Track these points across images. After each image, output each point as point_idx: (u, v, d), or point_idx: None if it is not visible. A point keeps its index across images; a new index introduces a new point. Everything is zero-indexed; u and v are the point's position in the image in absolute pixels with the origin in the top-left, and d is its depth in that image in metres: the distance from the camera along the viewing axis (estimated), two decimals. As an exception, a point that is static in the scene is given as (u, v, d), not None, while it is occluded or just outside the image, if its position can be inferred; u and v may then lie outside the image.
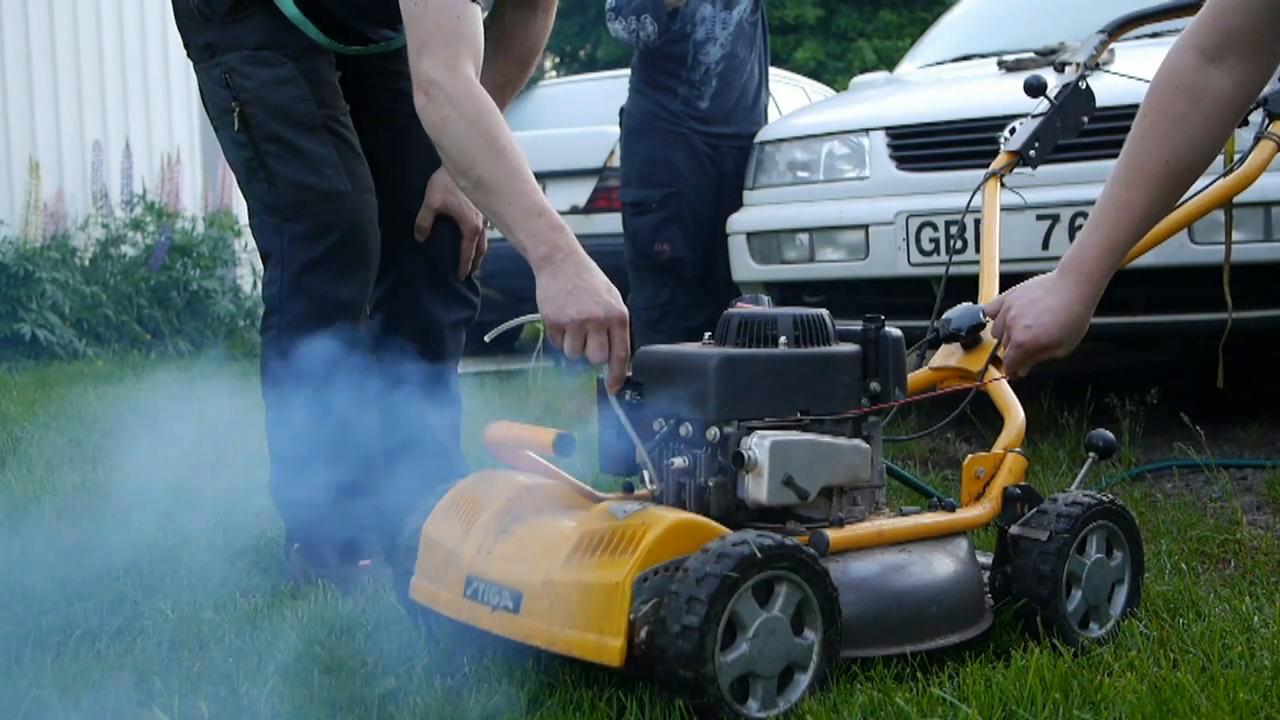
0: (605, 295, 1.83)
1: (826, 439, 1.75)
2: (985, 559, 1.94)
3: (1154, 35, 3.45)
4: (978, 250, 2.40)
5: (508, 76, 2.48)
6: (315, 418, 2.27)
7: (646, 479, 1.80)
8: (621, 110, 4.33)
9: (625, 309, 1.84)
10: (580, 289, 1.83)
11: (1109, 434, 2.04)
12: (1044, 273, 1.92)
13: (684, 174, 4.13)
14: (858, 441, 1.80)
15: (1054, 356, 1.90)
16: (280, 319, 2.28)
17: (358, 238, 2.27)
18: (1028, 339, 1.87)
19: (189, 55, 2.36)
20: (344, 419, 2.28)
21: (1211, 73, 1.73)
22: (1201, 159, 1.79)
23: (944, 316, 2.17)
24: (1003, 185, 2.47)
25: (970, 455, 1.95)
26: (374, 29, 2.38)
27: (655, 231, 4.12)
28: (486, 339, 2.01)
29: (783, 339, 1.79)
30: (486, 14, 2.38)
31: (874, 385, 1.84)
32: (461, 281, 2.52)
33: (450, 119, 1.96)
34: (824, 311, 1.86)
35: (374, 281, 2.35)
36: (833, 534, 1.69)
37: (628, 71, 4.38)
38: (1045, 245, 3.34)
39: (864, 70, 14.17)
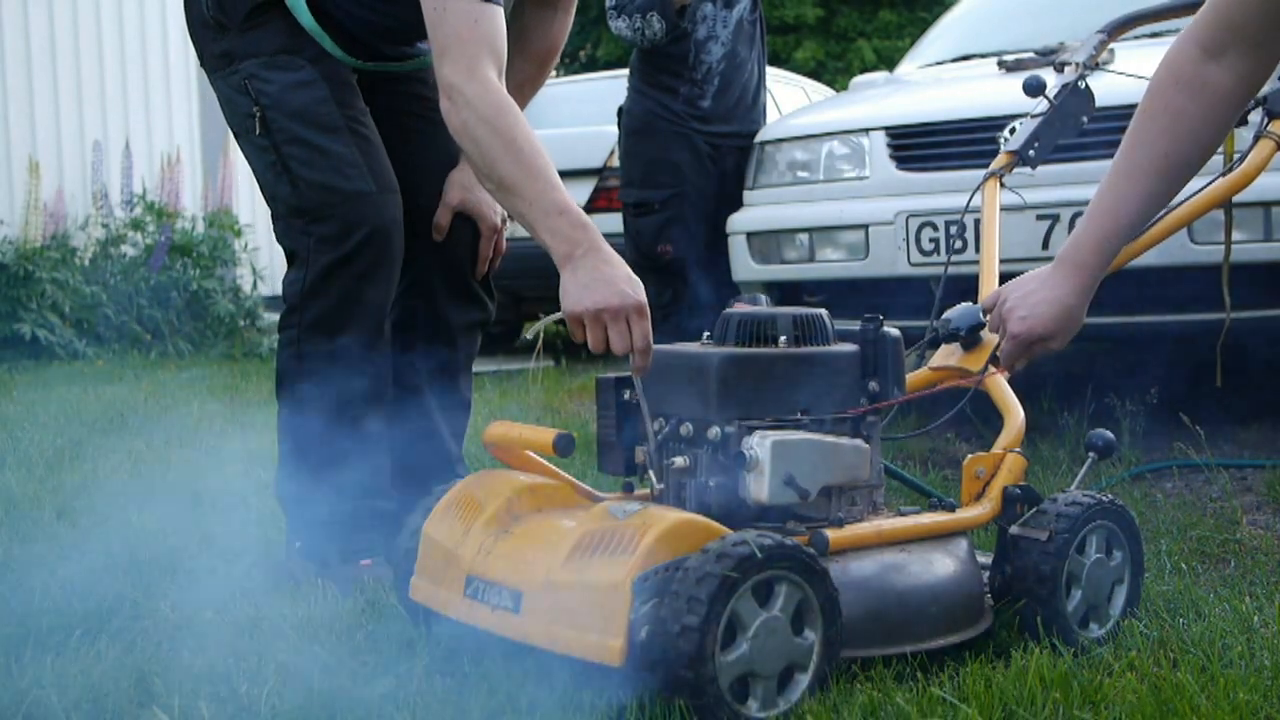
0: (622, 285, 1.82)
1: (827, 439, 1.75)
2: (985, 559, 1.94)
3: (1154, 35, 3.45)
4: (978, 250, 2.40)
5: (526, 75, 2.49)
6: (327, 417, 2.27)
7: (653, 477, 1.80)
8: (620, 110, 4.32)
9: (644, 298, 1.83)
10: (597, 280, 1.83)
11: (1109, 434, 2.04)
12: (1043, 273, 1.92)
13: (687, 174, 4.13)
14: (857, 441, 1.80)
15: (1049, 349, 1.91)
16: (301, 318, 2.28)
17: (382, 237, 2.27)
18: (1023, 330, 1.87)
19: (203, 65, 2.36)
20: (354, 419, 2.28)
21: (1212, 68, 1.74)
22: (1200, 154, 1.79)
23: (944, 316, 2.17)
24: (1002, 185, 2.47)
25: (970, 455, 1.95)
26: (391, 46, 2.38)
27: (658, 232, 4.11)
28: (528, 336, 2.02)
29: (782, 339, 1.80)
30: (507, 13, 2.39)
31: (873, 385, 1.84)
32: (478, 283, 2.52)
33: (470, 123, 1.97)
34: (823, 311, 1.86)
35: (398, 281, 2.34)
36: (832, 534, 1.69)
37: (627, 71, 4.38)
38: (1045, 245, 3.34)
39: (864, 70, 14.18)
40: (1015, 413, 2.04)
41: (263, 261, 8.18)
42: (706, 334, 1.91)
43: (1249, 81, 1.75)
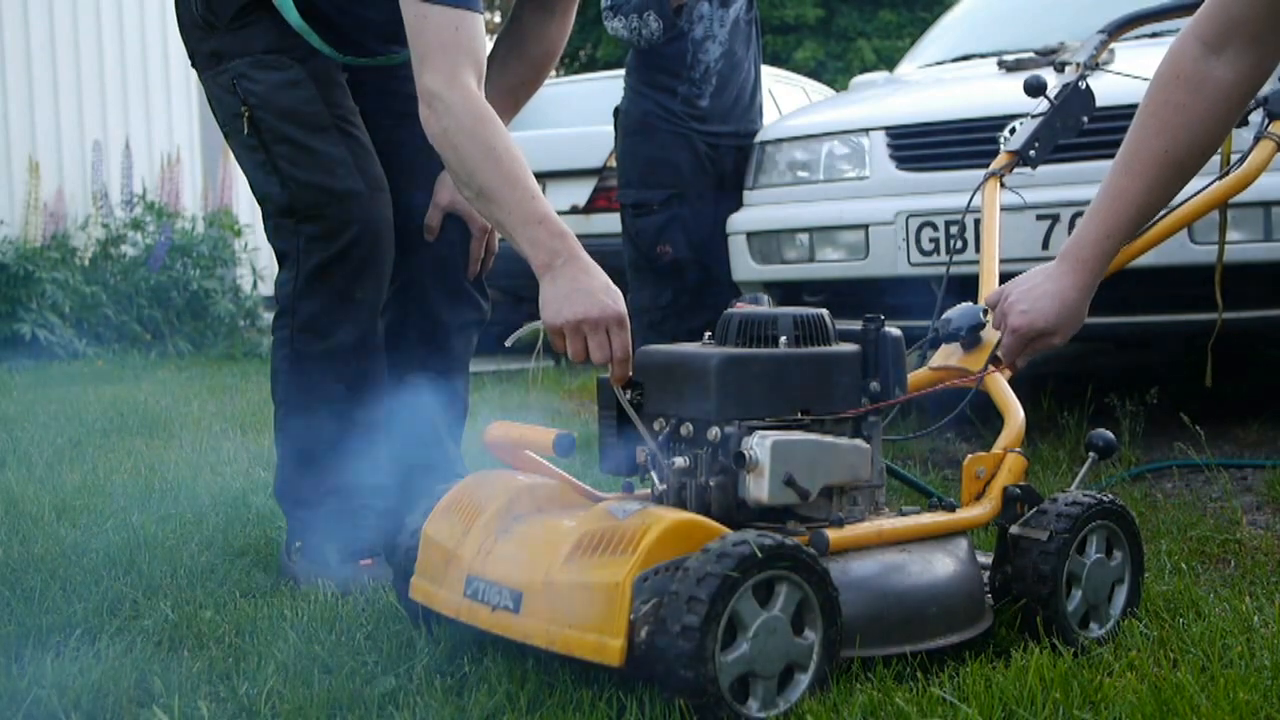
0: (601, 296, 1.83)
1: (827, 439, 1.75)
2: (985, 559, 1.94)
3: (1154, 35, 3.45)
4: (978, 250, 2.40)
5: (522, 78, 2.48)
6: (323, 417, 2.27)
7: (656, 479, 1.80)
8: (616, 110, 4.32)
9: (623, 309, 1.84)
10: (576, 291, 1.84)
11: (1109, 434, 2.04)
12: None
13: (685, 174, 4.12)
14: (858, 441, 1.80)
15: (1050, 345, 1.91)
16: (293, 319, 2.28)
17: (372, 236, 2.27)
18: (1023, 324, 1.88)
19: (194, 64, 2.36)
20: (351, 419, 2.28)
21: (1213, 63, 1.74)
22: (1200, 150, 1.79)
23: (944, 316, 2.17)
24: (1003, 185, 2.47)
25: (970, 455, 1.95)
26: (380, 44, 2.38)
27: (658, 233, 4.11)
28: (507, 344, 2.02)
29: (783, 339, 1.79)
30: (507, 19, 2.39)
31: (874, 385, 1.84)
32: (471, 283, 2.52)
33: (450, 130, 1.98)
34: (824, 311, 1.86)
35: (389, 281, 2.34)
36: (833, 534, 1.69)
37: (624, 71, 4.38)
38: (1045, 245, 3.34)
39: (864, 70, 14.17)
40: (1015, 413, 2.04)
41: (263, 261, 8.19)
42: (707, 334, 1.91)
43: (1250, 77, 1.75)
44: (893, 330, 1.87)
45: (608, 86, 6.83)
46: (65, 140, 8.12)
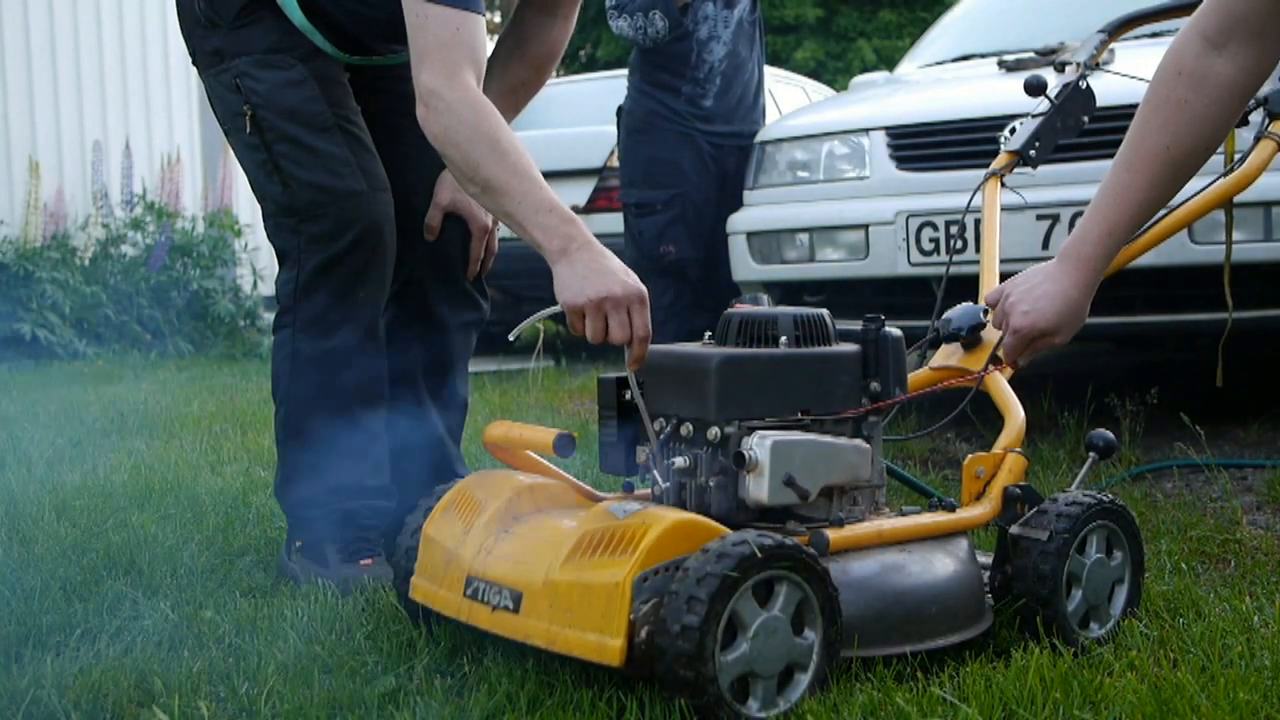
0: (622, 275, 1.83)
1: (827, 439, 1.75)
2: (985, 559, 1.94)
3: (1154, 35, 3.45)
4: (978, 250, 2.40)
5: (522, 79, 2.49)
6: (324, 417, 2.27)
7: (657, 477, 1.80)
8: (619, 110, 4.32)
9: (644, 288, 1.84)
10: (597, 271, 1.84)
11: (1109, 434, 2.04)
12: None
13: (688, 174, 4.13)
14: (858, 441, 1.80)
15: (1052, 344, 1.90)
16: (294, 317, 2.28)
17: (374, 236, 2.27)
18: (1025, 324, 1.88)
19: (195, 62, 2.36)
20: (351, 419, 2.28)
21: (1215, 59, 1.73)
22: (1202, 147, 1.79)
23: (944, 316, 2.17)
24: (1003, 185, 2.47)
25: (970, 455, 1.95)
26: (382, 43, 2.38)
27: (661, 233, 4.11)
28: (511, 338, 2.01)
29: (783, 339, 1.79)
30: (508, 19, 2.39)
31: (874, 385, 1.84)
32: (471, 283, 2.52)
33: (451, 127, 1.97)
34: (824, 311, 1.86)
35: (390, 281, 2.34)
36: (833, 534, 1.69)
37: (627, 71, 4.38)
38: (1045, 245, 3.34)
39: (864, 70, 14.17)
40: (1015, 412, 2.04)
41: (263, 261, 8.18)
42: (708, 334, 1.91)
43: (1253, 73, 1.74)
44: (893, 330, 1.87)
45: (608, 86, 6.83)
46: (65, 140, 8.12)
